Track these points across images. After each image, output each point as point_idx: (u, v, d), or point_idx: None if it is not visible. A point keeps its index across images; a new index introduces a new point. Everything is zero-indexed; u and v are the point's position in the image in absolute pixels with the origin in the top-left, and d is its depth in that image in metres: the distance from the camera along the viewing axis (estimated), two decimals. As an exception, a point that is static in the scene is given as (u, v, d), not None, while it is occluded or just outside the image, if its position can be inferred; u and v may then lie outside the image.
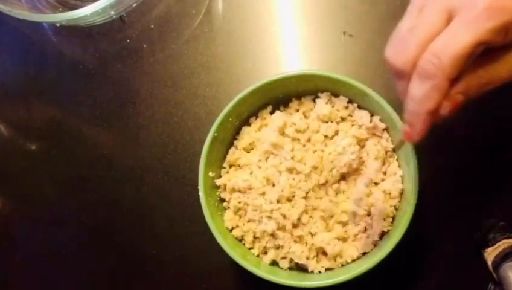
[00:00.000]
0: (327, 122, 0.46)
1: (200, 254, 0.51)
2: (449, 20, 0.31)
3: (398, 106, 0.42)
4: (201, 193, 0.44)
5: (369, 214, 0.44)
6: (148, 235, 0.53)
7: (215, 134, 0.45)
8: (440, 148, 0.50)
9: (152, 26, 0.57)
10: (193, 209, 0.47)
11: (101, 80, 0.57)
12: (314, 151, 0.45)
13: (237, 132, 0.49)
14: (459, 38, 0.29)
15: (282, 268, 0.45)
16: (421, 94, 0.31)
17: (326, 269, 0.44)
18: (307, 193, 0.44)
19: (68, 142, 0.56)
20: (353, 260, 0.44)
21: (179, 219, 0.53)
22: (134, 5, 0.55)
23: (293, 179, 0.44)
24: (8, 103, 0.59)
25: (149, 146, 0.55)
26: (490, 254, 0.45)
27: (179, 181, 0.53)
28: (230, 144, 0.49)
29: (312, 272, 0.44)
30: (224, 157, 0.48)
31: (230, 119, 0.46)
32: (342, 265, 0.44)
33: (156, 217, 0.53)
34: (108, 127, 0.56)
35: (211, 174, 0.46)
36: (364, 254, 0.44)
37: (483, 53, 0.31)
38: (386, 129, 0.45)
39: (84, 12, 0.49)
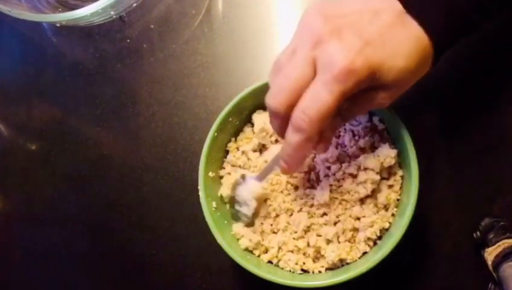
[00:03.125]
0: None
1: (200, 254, 0.51)
2: (314, 70, 0.34)
3: (398, 106, 0.42)
4: (201, 193, 0.44)
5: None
6: (148, 235, 0.53)
7: (215, 134, 0.45)
8: (441, 148, 0.50)
9: (152, 26, 0.57)
10: (193, 209, 0.47)
11: (101, 80, 0.57)
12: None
13: (237, 131, 0.49)
14: (321, 99, 0.33)
15: (282, 268, 0.45)
16: (295, 143, 0.36)
17: (326, 269, 0.44)
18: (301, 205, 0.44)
19: (68, 142, 0.56)
20: (353, 260, 0.44)
21: (179, 219, 0.53)
22: (134, 5, 0.55)
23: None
24: (8, 103, 0.59)
25: (149, 146, 0.55)
26: (490, 254, 0.45)
27: (179, 181, 0.53)
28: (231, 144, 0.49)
29: (312, 272, 0.44)
30: (224, 157, 0.48)
31: (230, 119, 0.46)
32: (342, 265, 0.44)
33: (156, 217, 0.53)
34: (108, 127, 0.56)
35: (210, 174, 0.46)
36: (364, 254, 0.44)
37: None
38: (385, 129, 0.45)
39: (84, 12, 0.49)
